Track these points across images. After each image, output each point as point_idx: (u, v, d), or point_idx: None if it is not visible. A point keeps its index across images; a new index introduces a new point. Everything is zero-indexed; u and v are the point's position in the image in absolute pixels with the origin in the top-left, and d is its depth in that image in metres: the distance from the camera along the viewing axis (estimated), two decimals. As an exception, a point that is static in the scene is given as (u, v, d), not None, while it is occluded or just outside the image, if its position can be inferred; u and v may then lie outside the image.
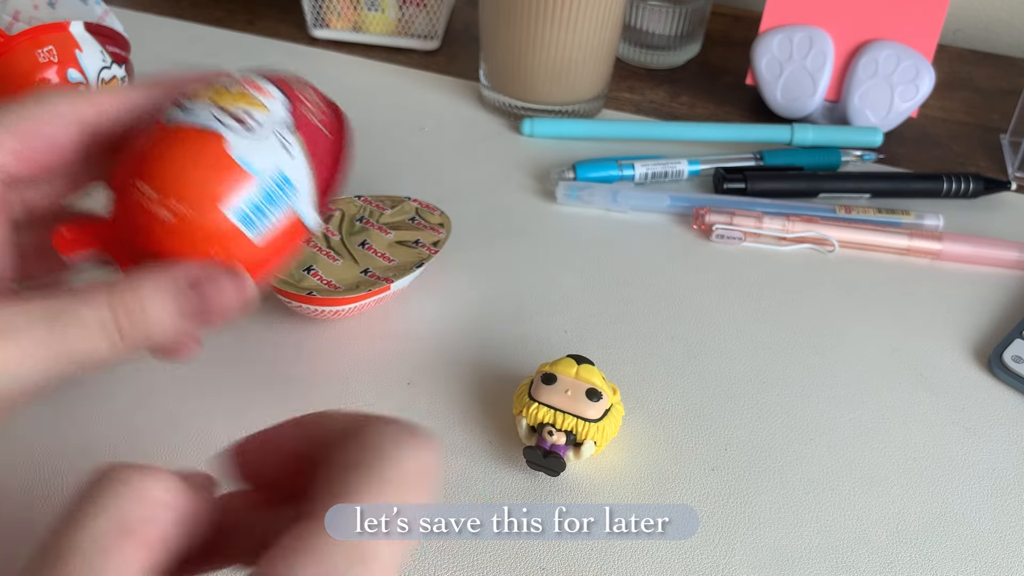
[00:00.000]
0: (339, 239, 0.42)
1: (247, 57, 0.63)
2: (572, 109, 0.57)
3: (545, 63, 0.54)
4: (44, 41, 0.49)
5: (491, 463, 0.36)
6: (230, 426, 0.37)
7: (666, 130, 0.55)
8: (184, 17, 0.69)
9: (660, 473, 0.36)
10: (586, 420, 0.34)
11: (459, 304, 0.44)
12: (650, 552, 0.33)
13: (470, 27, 0.69)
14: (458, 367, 0.40)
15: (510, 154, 0.55)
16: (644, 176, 0.52)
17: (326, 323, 0.42)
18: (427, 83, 0.62)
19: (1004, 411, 0.40)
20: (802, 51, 0.57)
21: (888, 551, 0.34)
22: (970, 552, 0.34)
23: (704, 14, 0.64)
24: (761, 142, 0.55)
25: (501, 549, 0.33)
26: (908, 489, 0.36)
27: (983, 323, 0.44)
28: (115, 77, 0.53)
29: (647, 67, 0.65)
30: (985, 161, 0.57)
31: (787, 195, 0.51)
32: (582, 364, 0.36)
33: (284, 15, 0.70)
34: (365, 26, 0.65)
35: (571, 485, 0.35)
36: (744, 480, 0.36)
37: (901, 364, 0.42)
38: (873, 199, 0.52)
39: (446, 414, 0.38)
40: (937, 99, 0.63)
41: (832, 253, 0.48)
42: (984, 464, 0.37)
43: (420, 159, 0.54)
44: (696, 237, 0.49)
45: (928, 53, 0.56)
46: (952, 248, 0.47)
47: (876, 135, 0.55)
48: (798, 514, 0.35)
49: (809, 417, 0.39)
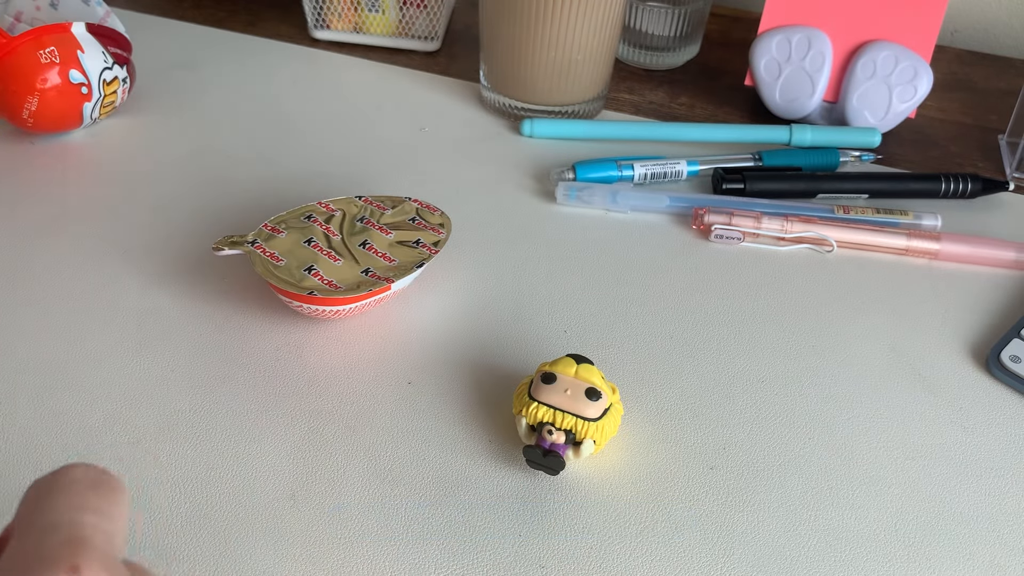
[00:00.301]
0: (340, 239, 0.42)
1: (248, 58, 0.64)
2: (572, 110, 0.57)
3: (545, 64, 0.54)
4: (46, 42, 0.49)
5: (491, 462, 0.36)
6: (230, 426, 0.37)
7: (665, 131, 0.55)
8: (185, 18, 0.69)
9: (659, 472, 0.36)
10: (585, 419, 0.34)
11: (459, 304, 0.44)
12: (649, 551, 0.33)
13: (470, 28, 0.69)
14: (458, 367, 0.40)
15: (510, 154, 0.55)
16: (643, 176, 0.52)
17: (327, 323, 0.42)
18: (427, 84, 0.62)
19: (1002, 410, 0.40)
20: (801, 52, 0.57)
21: (886, 550, 0.34)
22: (968, 551, 0.34)
23: (703, 15, 0.64)
24: (760, 143, 0.56)
25: (501, 548, 0.33)
26: (906, 488, 0.36)
27: (981, 323, 0.44)
28: (116, 78, 0.53)
29: (646, 68, 0.65)
30: (983, 161, 0.57)
31: (786, 195, 0.51)
32: (582, 363, 0.36)
33: (285, 16, 0.70)
34: (366, 27, 0.65)
35: (571, 484, 0.36)
36: (743, 479, 0.36)
37: (899, 364, 0.42)
38: (871, 199, 0.52)
39: (446, 413, 0.38)
40: (935, 100, 0.63)
41: (831, 253, 0.48)
42: (982, 463, 0.37)
43: (420, 159, 0.54)
44: (695, 237, 0.49)
45: (926, 54, 0.56)
46: (950, 248, 0.48)
47: (874, 136, 0.55)
48: (796, 513, 0.35)
49: (807, 416, 0.39)
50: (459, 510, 0.34)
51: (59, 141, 0.54)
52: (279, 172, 0.52)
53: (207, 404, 0.38)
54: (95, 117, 0.53)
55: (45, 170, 0.52)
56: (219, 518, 0.34)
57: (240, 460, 0.36)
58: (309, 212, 0.43)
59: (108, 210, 0.49)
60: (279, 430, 0.37)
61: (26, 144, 0.54)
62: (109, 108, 0.54)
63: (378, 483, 0.35)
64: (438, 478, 0.35)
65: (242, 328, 0.42)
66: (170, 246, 0.47)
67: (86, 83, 0.51)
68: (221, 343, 0.41)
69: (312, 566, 0.32)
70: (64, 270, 0.45)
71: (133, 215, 0.49)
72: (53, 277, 0.44)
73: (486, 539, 0.33)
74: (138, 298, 0.43)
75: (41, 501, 0.20)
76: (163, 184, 0.51)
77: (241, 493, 0.35)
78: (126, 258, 0.46)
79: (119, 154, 0.53)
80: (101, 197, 0.50)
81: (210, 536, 0.33)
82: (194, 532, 0.33)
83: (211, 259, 0.46)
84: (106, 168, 0.52)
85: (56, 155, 0.53)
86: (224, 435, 0.37)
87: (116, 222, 0.48)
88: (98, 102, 0.52)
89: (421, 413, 0.38)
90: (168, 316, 0.42)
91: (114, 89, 0.53)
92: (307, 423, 0.37)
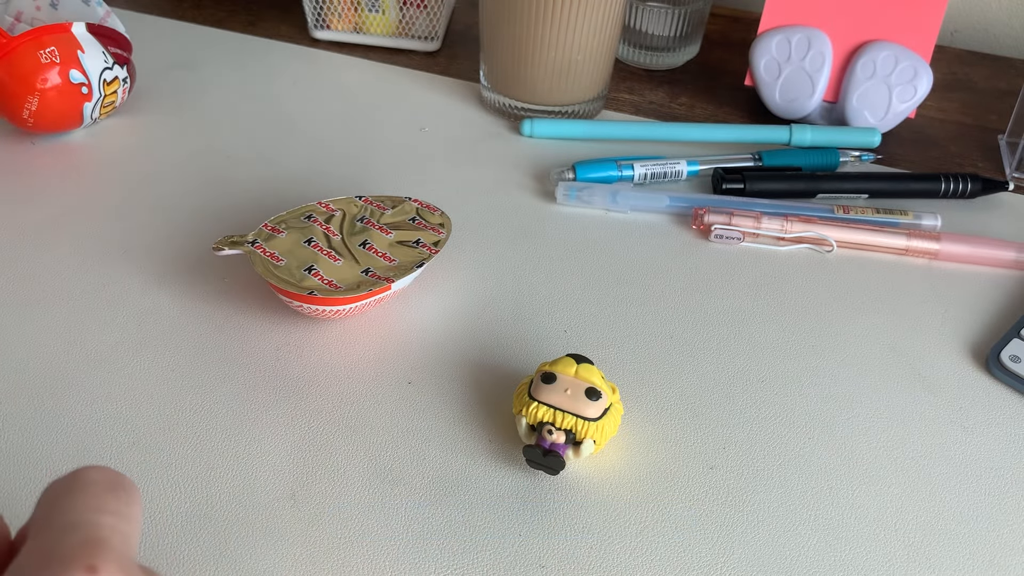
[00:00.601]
0: (340, 239, 0.42)
1: (248, 58, 0.64)
2: (572, 110, 0.57)
3: (545, 64, 0.54)
4: (46, 42, 0.49)
5: (491, 462, 0.36)
6: (230, 425, 0.37)
7: (665, 131, 0.55)
8: (185, 18, 0.69)
9: (659, 472, 0.36)
10: (585, 419, 0.34)
11: (459, 304, 0.44)
12: (649, 550, 0.33)
13: (470, 28, 0.69)
14: (458, 366, 0.40)
15: (510, 154, 0.55)
16: (643, 176, 0.52)
17: (327, 323, 0.42)
18: (427, 84, 0.62)
19: (1001, 410, 0.40)
20: (800, 52, 0.57)
21: (886, 549, 0.34)
22: (968, 550, 0.34)
23: (703, 15, 0.64)
24: (760, 143, 0.56)
25: (501, 548, 0.33)
26: (906, 488, 0.36)
27: (981, 323, 0.44)
28: (116, 78, 0.53)
29: (646, 68, 0.65)
30: (983, 161, 0.57)
31: (785, 195, 0.52)
32: (582, 363, 0.36)
33: (285, 16, 0.70)
34: (366, 27, 0.65)
35: (570, 484, 0.36)
36: (743, 479, 0.36)
37: (899, 364, 0.42)
38: (871, 199, 0.52)
39: (446, 413, 0.38)
40: (935, 100, 0.63)
41: (830, 253, 0.48)
42: (981, 463, 0.37)
43: (420, 159, 0.54)
44: (695, 237, 0.49)
45: (926, 54, 0.56)
46: (950, 248, 0.48)
47: (874, 136, 0.55)
48: (796, 512, 0.35)
49: (807, 416, 0.39)
50: (459, 510, 0.34)
51: (59, 141, 0.54)
52: (279, 172, 0.52)
53: (207, 404, 0.38)
54: (95, 117, 0.53)
55: (45, 170, 0.52)
56: (219, 518, 0.34)
57: (240, 460, 0.36)
58: (309, 212, 0.43)
59: (108, 210, 0.49)
60: (279, 430, 0.37)
61: (26, 144, 0.54)
62: (109, 108, 0.54)
63: (378, 483, 0.35)
64: (438, 478, 0.35)
65: (242, 328, 0.42)
66: (170, 246, 0.47)
67: (86, 83, 0.51)
68: (221, 343, 0.41)
69: (312, 566, 0.32)
70: (64, 270, 0.45)
71: (133, 215, 0.49)
72: (53, 277, 0.44)
73: (486, 539, 0.33)
74: (138, 298, 0.43)
75: (59, 502, 0.20)
76: (163, 184, 0.51)
77: (241, 493, 0.35)
78: (126, 258, 0.46)
79: (119, 154, 0.53)
80: (101, 197, 0.50)
81: (210, 536, 0.33)
82: (194, 532, 0.33)
83: (211, 259, 0.46)
84: (106, 168, 0.52)
85: (56, 155, 0.53)
86: (224, 435, 0.37)
87: (116, 222, 0.48)
88: (98, 102, 0.52)
89: (421, 413, 0.38)
90: (168, 316, 0.42)
91: (114, 89, 0.53)
92: (307, 423, 0.37)
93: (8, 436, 0.36)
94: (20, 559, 0.19)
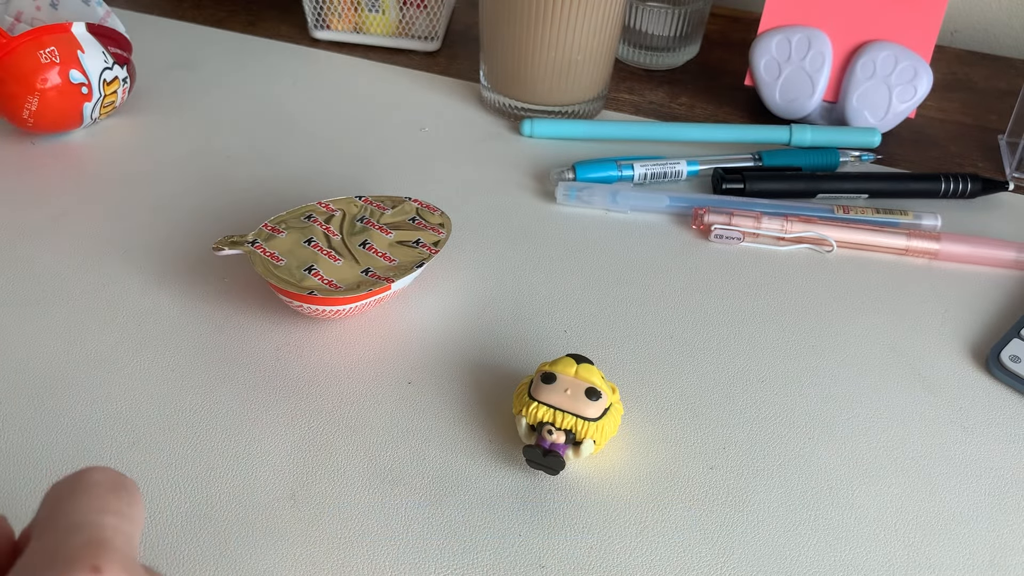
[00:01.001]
0: (340, 239, 0.42)
1: (248, 58, 0.64)
2: (572, 110, 0.57)
3: (545, 64, 0.54)
4: (46, 42, 0.49)
5: (491, 462, 0.36)
6: (230, 425, 0.37)
7: (665, 131, 0.55)
8: (185, 18, 0.69)
9: (659, 472, 0.36)
10: (585, 419, 0.34)
11: (459, 304, 0.44)
12: (649, 550, 0.33)
13: (470, 28, 0.69)
14: (458, 367, 0.40)
15: (510, 154, 0.55)
16: (643, 176, 0.52)
17: (327, 323, 0.42)
18: (427, 84, 0.62)
19: (1001, 410, 0.40)
20: (800, 52, 0.57)
21: (886, 549, 0.34)
22: (968, 550, 0.34)
23: (703, 15, 0.64)
24: (760, 143, 0.56)
25: (501, 548, 0.33)
26: (906, 488, 0.36)
27: (981, 323, 0.44)
28: (116, 78, 0.53)
29: (646, 68, 0.65)
30: (983, 161, 0.57)
31: (785, 195, 0.52)
32: (581, 363, 0.36)
33: (285, 16, 0.70)
34: (366, 27, 0.65)
35: (570, 484, 0.36)
36: (742, 479, 0.36)
37: (899, 364, 0.42)
38: (871, 199, 0.52)
39: (446, 413, 0.38)
40: (935, 100, 0.63)
41: (830, 253, 0.48)
42: (981, 463, 0.37)
43: (420, 159, 0.54)
44: (695, 237, 0.49)
45: (926, 54, 0.56)
46: (950, 248, 0.48)
47: (874, 136, 0.55)
48: (796, 512, 0.35)
49: (807, 416, 0.39)
50: (459, 510, 0.34)
51: (59, 141, 0.54)
52: (279, 172, 0.52)
53: (207, 404, 0.38)
54: (95, 117, 0.53)
55: (45, 170, 0.52)
56: (219, 518, 0.34)
57: (240, 460, 0.36)
58: (309, 212, 0.43)
59: (108, 210, 0.49)
60: (279, 430, 0.37)
61: (26, 144, 0.54)
62: (109, 108, 0.54)
63: (378, 483, 0.35)
64: (438, 478, 0.35)
65: (242, 328, 0.42)
66: (170, 246, 0.47)
67: (86, 83, 0.51)
68: (221, 343, 0.41)
69: (312, 566, 0.32)
70: (64, 270, 0.45)
71: (133, 215, 0.49)
72: (53, 277, 0.44)
73: (486, 539, 0.33)
74: (138, 298, 0.43)
75: (62, 502, 0.20)
76: (163, 184, 0.51)
77: (241, 493, 0.35)
78: (126, 258, 0.46)
79: (119, 154, 0.53)
80: (101, 197, 0.50)
81: (210, 536, 0.33)
82: (194, 532, 0.33)
83: (211, 259, 0.46)
84: (106, 168, 0.52)
85: (56, 155, 0.53)
86: (224, 435, 0.37)
87: (116, 222, 0.48)
88: (98, 102, 0.52)
89: (421, 413, 0.38)
90: (168, 316, 0.42)
91: (114, 89, 0.53)
92: (307, 423, 0.37)
93: (8, 436, 0.36)
94: (25, 559, 0.19)
